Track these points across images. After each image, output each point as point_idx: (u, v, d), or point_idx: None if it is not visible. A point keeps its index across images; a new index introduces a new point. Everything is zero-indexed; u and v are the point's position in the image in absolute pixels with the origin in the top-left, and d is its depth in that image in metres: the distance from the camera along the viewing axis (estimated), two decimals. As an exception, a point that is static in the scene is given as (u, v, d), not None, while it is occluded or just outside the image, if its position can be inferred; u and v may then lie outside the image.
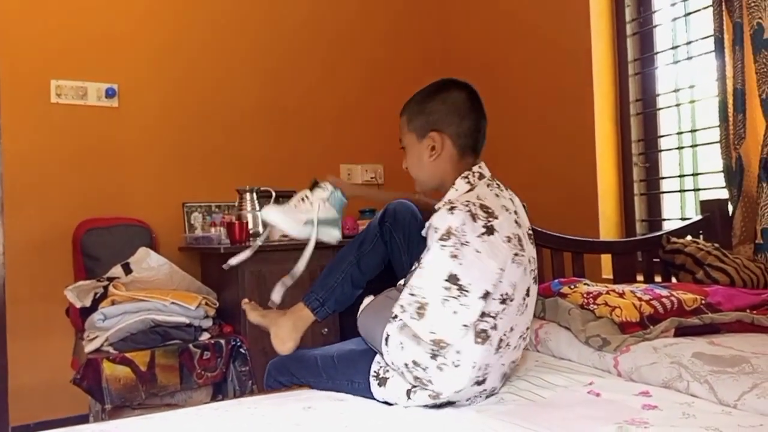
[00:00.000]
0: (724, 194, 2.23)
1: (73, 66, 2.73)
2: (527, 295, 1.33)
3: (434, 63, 3.59)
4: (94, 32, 2.77)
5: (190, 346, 2.27)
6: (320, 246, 1.65)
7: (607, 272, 2.56)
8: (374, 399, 1.40)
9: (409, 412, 1.32)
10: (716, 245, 1.99)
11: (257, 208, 2.71)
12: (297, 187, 3.11)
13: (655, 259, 2.16)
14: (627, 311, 1.51)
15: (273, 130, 3.16)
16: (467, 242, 1.23)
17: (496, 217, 1.27)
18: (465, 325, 1.22)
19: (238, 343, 2.37)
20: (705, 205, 2.22)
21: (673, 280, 2.06)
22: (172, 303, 2.28)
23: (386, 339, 1.35)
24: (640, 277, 2.18)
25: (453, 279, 1.22)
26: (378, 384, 1.38)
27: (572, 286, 1.70)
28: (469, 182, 1.38)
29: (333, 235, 1.66)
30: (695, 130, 2.49)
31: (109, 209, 2.73)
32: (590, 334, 1.50)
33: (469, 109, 1.41)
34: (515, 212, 1.35)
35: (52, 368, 2.57)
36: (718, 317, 1.52)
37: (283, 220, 1.64)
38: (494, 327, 1.26)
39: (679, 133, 2.55)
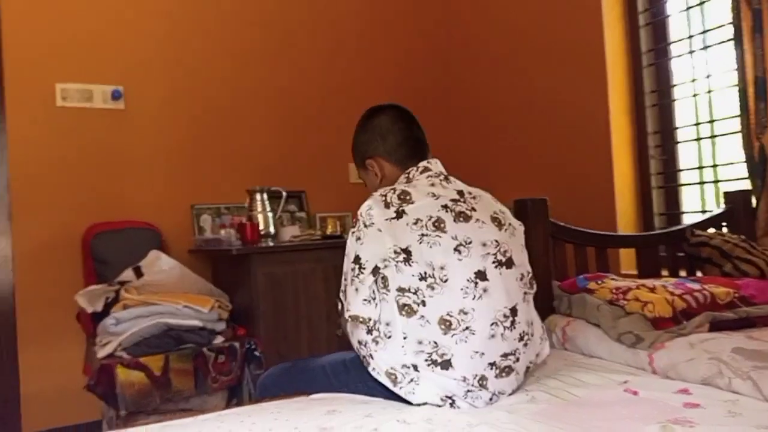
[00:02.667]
0: (746, 185, 2.18)
1: (78, 69, 2.69)
2: (481, 279, 1.29)
3: (442, 59, 3.55)
4: (98, 34, 2.74)
5: (204, 349, 2.23)
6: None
7: (627, 267, 2.52)
8: (392, 398, 1.36)
9: (437, 413, 1.28)
10: (743, 237, 1.94)
11: (268, 208, 2.67)
12: (307, 187, 3.14)
13: (679, 254, 2.11)
14: (659, 306, 1.46)
15: (282, 130, 3.12)
16: (372, 224, 1.33)
17: (412, 202, 1.33)
18: (365, 300, 1.31)
19: (253, 346, 2.33)
20: (728, 197, 2.18)
21: (699, 274, 2.02)
22: (185, 306, 2.24)
23: (350, 330, 1.43)
24: (664, 272, 2.13)
25: (357, 260, 1.33)
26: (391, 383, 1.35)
27: (599, 282, 1.65)
28: (407, 176, 1.46)
29: None
30: (713, 121, 2.44)
31: (117, 213, 2.69)
32: (622, 331, 1.46)
33: (389, 126, 1.51)
34: (456, 200, 1.36)
35: (64, 374, 2.53)
36: (753, 311, 1.47)
37: None
38: (422, 303, 1.27)
39: (697, 124, 2.50)
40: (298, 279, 2.50)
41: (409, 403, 1.34)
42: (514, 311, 1.32)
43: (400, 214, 1.32)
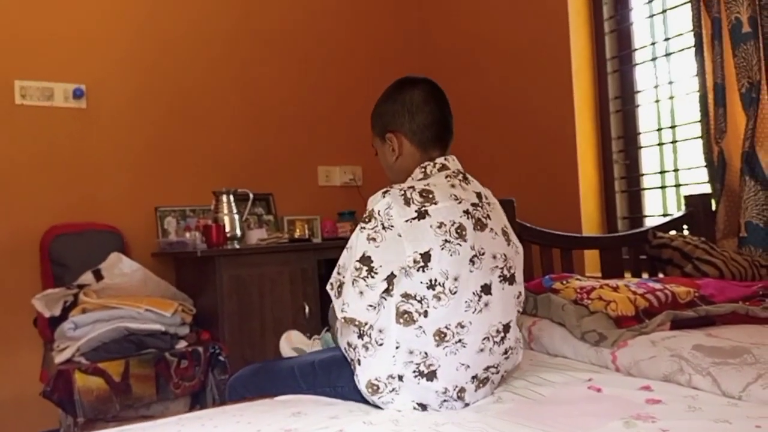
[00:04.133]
0: (706, 189, 2.24)
1: (38, 66, 2.62)
2: (485, 293, 1.25)
3: (412, 63, 3.55)
4: (59, 30, 2.67)
5: (167, 354, 2.18)
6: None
7: (591, 269, 2.55)
8: (360, 401, 1.35)
9: (403, 414, 1.27)
10: (703, 239, 1.99)
11: (234, 210, 2.63)
12: (275, 189, 3.10)
13: (642, 256, 2.14)
14: (622, 305, 1.48)
15: (249, 131, 3.08)
16: (391, 226, 1.23)
17: (436, 203, 1.25)
18: (370, 305, 1.24)
19: (217, 351, 2.28)
20: (689, 200, 2.23)
21: (660, 275, 2.05)
22: (147, 310, 2.19)
23: (339, 328, 1.39)
24: (627, 274, 2.17)
25: (366, 260, 1.23)
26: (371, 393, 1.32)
27: (564, 282, 1.67)
28: (424, 171, 1.37)
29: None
30: (675, 126, 2.50)
31: (78, 214, 2.62)
32: (586, 330, 1.47)
33: (421, 104, 1.40)
34: (476, 205, 1.31)
35: (19, 382, 2.44)
36: (713, 309, 1.50)
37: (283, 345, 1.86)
38: (424, 313, 1.21)
39: (659, 130, 2.56)
40: (264, 282, 2.47)
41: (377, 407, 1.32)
42: (506, 328, 1.30)
43: (422, 214, 1.23)
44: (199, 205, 2.86)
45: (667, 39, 2.51)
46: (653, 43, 2.58)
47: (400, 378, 1.25)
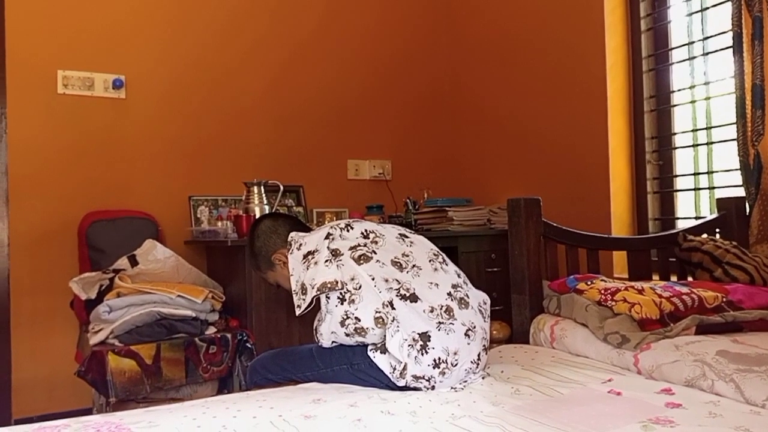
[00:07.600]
0: (740, 192, 2.19)
1: (80, 56, 2.70)
2: (404, 237, 1.59)
3: (441, 58, 3.56)
4: (101, 23, 2.75)
5: (196, 339, 2.24)
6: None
7: (620, 270, 2.52)
8: (377, 379, 1.42)
9: (421, 405, 1.29)
10: (734, 243, 1.95)
11: (265, 201, 2.68)
12: (305, 182, 3.15)
13: (671, 259, 2.11)
14: (647, 308, 1.47)
15: (281, 124, 3.12)
16: (300, 246, 1.63)
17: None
18: (327, 261, 1.48)
19: (245, 338, 2.34)
20: (721, 204, 2.18)
21: (689, 278, 2.02)
22: (179, 296, 2.25)
23: (333, 333, 1.49)
24: (655, 276, 2.14)
25: (306, 255, 1.54)
26: (381, 352, 1.42)
27: (588, 282, 1.66)
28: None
29: None
30: (710, 128, 2.45)
31: (114, 201, 2.70)
32: (609, 331, 1.47)
33: (272, 225, 1.77)
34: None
35: (55, 361, 2.54)
36: (740, 315, 1.48)
37: None
38: (373, 251, 1.49)
39: (694, 131, 2.51)
40: (292, 272, 2.51)
41: (396, 388, 1.38)
42: (438, 254, 1.57)
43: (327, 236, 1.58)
44: (231, 195, 2.92)
45: (705, 38, 2.46)
46: (691, 42, 2.52)
47: (392, 305, 1.39)
